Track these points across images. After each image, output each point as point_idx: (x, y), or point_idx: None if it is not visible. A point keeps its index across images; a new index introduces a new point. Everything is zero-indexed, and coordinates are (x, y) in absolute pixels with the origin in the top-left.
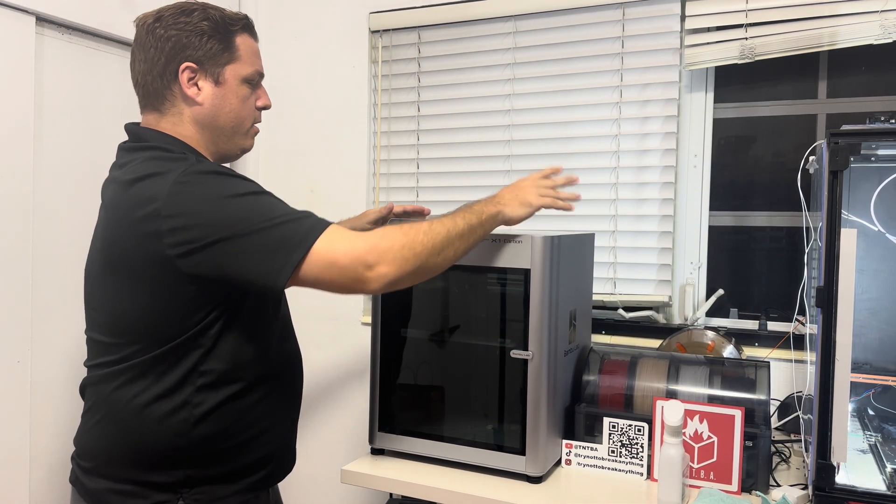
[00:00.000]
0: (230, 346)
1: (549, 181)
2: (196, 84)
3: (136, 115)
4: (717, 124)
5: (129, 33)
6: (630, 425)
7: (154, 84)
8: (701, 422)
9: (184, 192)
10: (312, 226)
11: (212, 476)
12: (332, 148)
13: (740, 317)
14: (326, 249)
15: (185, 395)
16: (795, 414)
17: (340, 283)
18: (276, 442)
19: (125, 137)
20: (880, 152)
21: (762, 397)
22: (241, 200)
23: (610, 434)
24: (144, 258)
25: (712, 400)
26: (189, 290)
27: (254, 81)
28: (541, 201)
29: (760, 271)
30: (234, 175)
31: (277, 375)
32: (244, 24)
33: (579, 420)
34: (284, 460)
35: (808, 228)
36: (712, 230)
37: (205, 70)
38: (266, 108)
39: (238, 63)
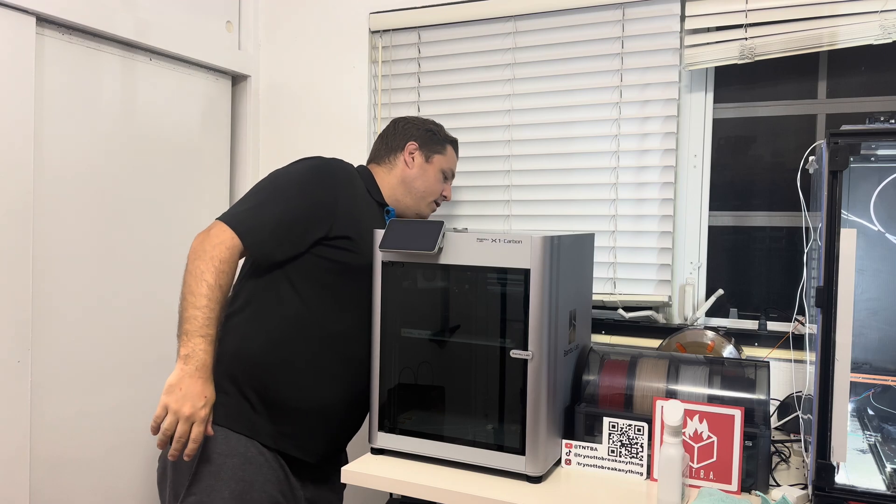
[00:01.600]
0: None
1: (183, 428)
2: (413, 156)
3: (135, 115)
4: (717, 124)
5: (129, 33)
6: (630, 425)
7: (383, 149)
8: (701, 422)
9: None
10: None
11: None
12: (333, 148)
13: (740, 317)
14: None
15: None
16: (795, 414)
17: None
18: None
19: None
20: (880, 152)
21: (762, 397)
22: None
23: (610, 434)
24: None
25: (712, 400)
26: None
27: (447, 176)
28: (157, 410)
29: (760, 271)
30: (310, 173)
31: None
32: (454, 141)
33: (579, 420)
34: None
35: (807, 228)
36: (712, 230)
37: (421, 150)
38: (446, 199)
39: (443, 157)
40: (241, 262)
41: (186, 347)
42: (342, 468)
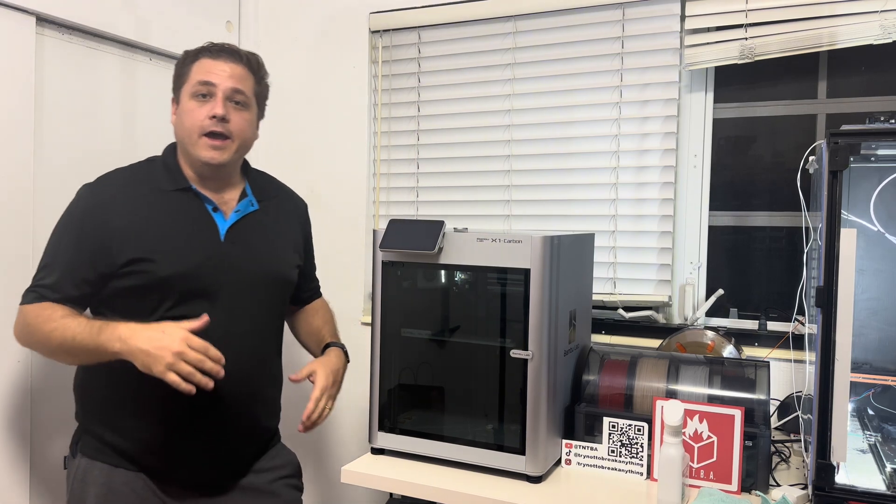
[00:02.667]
0: None
1: (195, 354)
2: (173, 111)
3: (135, 115)
4: (717, 124)
5: (129, 33)
6: (630, 425)
7: None
8: (701, 421)
9: None
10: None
11: None
12: (332, 148)
13: (740, 317)
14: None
15: None
16: (795, 414)
17: None
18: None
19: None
20: (880, 152)
21: (762, 397)
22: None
23: (610, 434)
24: None
25: (712, 400)
26: None
27: (204, 93)
28: (168, 377)
29: (760, 271)
30: (76, 211)
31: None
32: (200, 51)
33: (579, 420)
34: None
35: (807, 228)
36: (712, 230)
37: (174, 100)
38: (218, 118)
39: (189, 82)
40: None
41: (109, 336)
42: (342, 468)
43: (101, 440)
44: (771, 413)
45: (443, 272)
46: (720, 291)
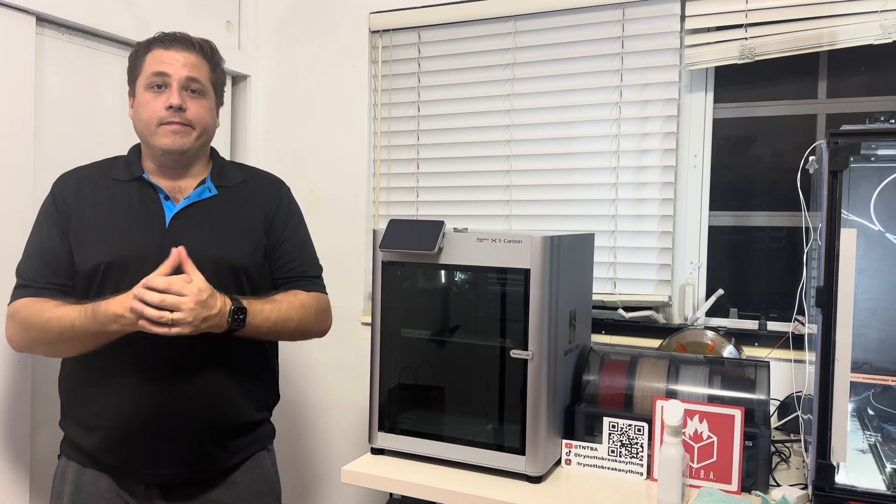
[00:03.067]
0: None
1: (153, 295)
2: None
3: None
4: (717, 124)
5: (129, 33)
6: (630, 425)
7: None
8: (701, 422)
9: None
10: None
11: None
12: (332, 148)
13: (740, 317)
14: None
15: None
16: (795, 414)
17: None
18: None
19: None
20: (880, 152)
21: (762, 397)
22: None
23: (610, 434)
24: None
25: (712, 400)
26: None
27: (159, 84)
28: (142, 326)
29: (760, 271)
30: (46, 202)
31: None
32: (151, 41)
33: (579, 420)
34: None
35: (807, 228)
36: (712, 230)
37: (129, 93)
38: (175, 107)
39: (143, 74)
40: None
41: (104, 315)
42: (342, 468)
43: (72, 439)
44: (771, 413)
45: (443, 272)
46: (720, 291)
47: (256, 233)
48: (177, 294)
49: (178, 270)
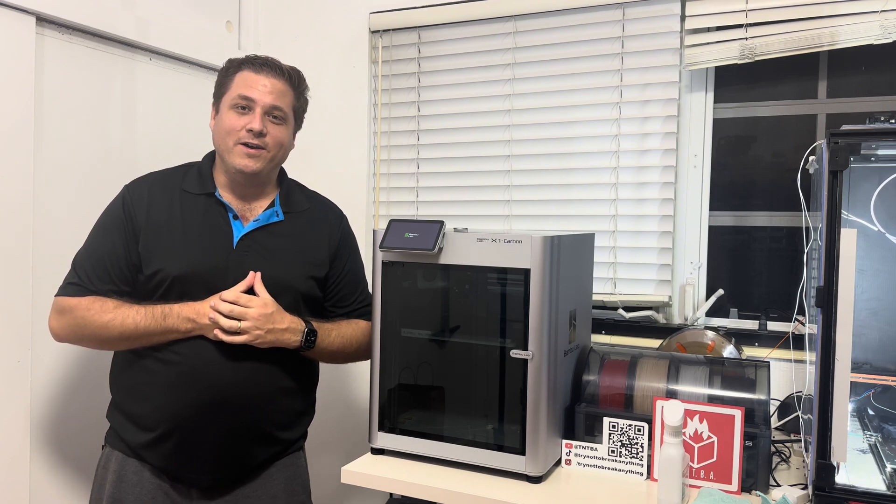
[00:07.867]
0: None
1: (226, 306)
2: (212, 116)
3: (135, 115)
4: (717, 124)
5: (130, 33)
6: (630, 425)
7: None
8: (701, 422)
9: None
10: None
11: None
12: (332, 148)
13: (740, 317)
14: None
15: None
16: (795, 414)
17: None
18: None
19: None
20: (880, 152)
21: (762, 397)
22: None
23: (610, 434)
24: None
25: (712, 400)
26: None
27: (244, 106)
28: (214, 334)
29: (760, 271)
30: (115, 206)
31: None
32: (242, 62)
33: (579, 420)
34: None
35: (808, 228)
36: (712, 230)
37: (213, 105)
38: (255, 132)
39: (229, 93)
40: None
41: (176, 319)
42: (342, 468)
43: (118, 431)
44: (771, 413)
45: (443, 272)
46: (720, 291)
47: (319, 262)
48: (244, 306)
49: (251, 291)
